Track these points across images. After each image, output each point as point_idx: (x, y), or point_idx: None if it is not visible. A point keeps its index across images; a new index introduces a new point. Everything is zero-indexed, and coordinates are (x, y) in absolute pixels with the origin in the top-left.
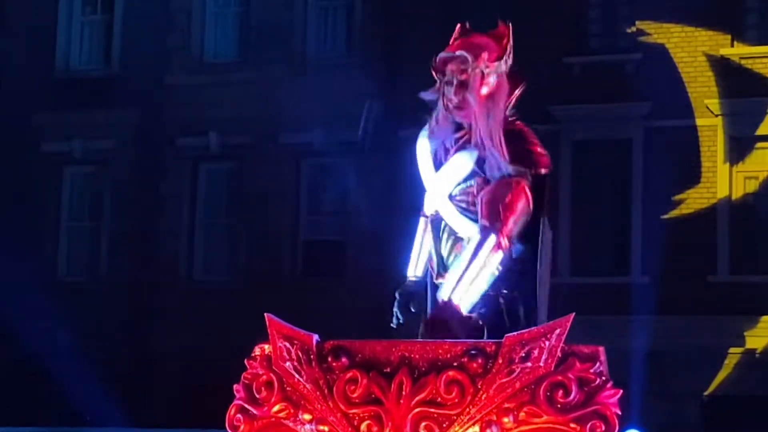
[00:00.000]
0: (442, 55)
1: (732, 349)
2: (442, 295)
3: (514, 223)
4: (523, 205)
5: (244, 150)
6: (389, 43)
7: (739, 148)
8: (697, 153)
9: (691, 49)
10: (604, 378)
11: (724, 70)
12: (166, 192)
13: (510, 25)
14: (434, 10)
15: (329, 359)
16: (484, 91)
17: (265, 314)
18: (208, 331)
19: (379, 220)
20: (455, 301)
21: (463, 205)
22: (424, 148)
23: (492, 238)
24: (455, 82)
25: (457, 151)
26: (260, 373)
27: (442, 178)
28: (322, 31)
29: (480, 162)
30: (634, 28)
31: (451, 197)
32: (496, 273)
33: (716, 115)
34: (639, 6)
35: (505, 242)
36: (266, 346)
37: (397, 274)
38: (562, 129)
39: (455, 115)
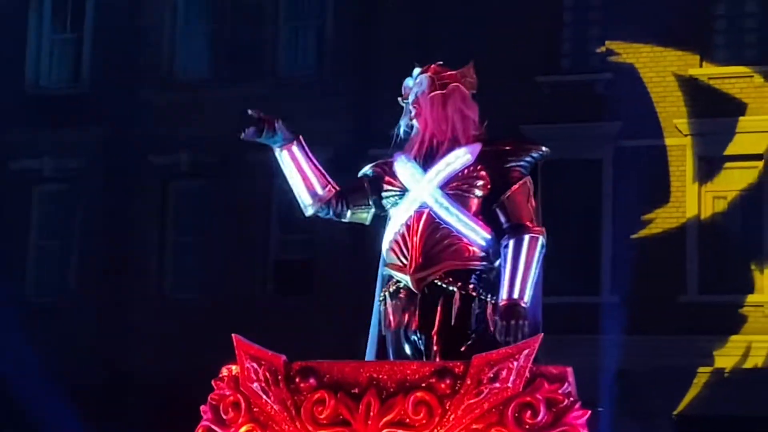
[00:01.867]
0: (405, 83)
1: (701, 369)
2: (510, 294)
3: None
4: (535, 202)
5: (214, 168)
6: (360, 62)
7: (708, 167)
8: (666, 172)
9: (660, 69)
10: (572, 399)
11: (693, 90)
12: (136, 210)
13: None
14: (406, 30)
15: (297, 380)
16: (436, 90)
17: (233, 335)
18: (179, 349)
19: (349, 239)
20: (526, 300)
21: (460, 191)
22: (402, 163)
23: (540, 238)
24: (413, 96)
25: (447, 152)
26: (227, 393)
27: (434, 174)
28: (293, 50)
29: (482, 156)
30: (603, 48)
31: (442, 188)
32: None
33: (685, 135)
34: (609, 26)
35: (544, 239)
36: (233, 367)
37: (367, 292)
38: None
39: (418, 123)
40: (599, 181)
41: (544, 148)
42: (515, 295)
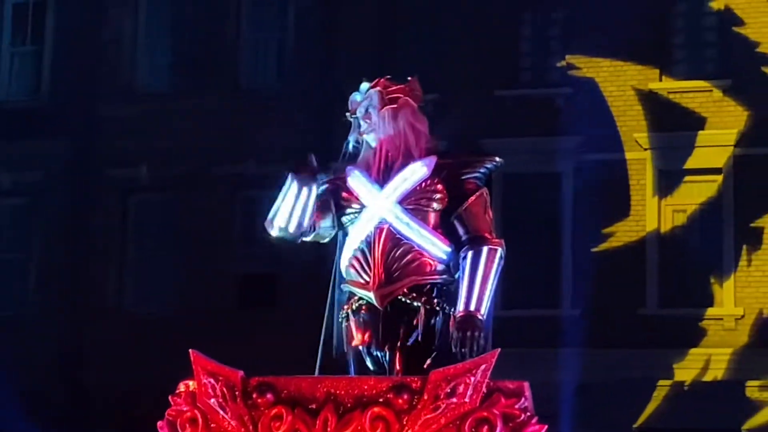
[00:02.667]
0: (351, 97)
1: (661, 382)
2: (467, 306)
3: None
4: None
5: (176, 181)
6: (322, 75)
7: (667, 181)
8: (626, 186)
9: (620, 83)
10: (529, 413)
11: (653, 104)
12: (96, 223)
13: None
14: (367, 44)
15: (254, 395)
16: (387, 105)
17: (190, 350)
18: (139, 364)
19: (313, 252)
20: (483, 312)
21: (419, 206)
22: (356, 178)
23: (498, 250)
24: (362, 110)
25: (402, 166)
26: (184, 409)
27: (391, 189)
28: (254, 63)
29: (437, 169)
30: (564, 63)
31: (400, 203)
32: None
33: (645, 149)
34: (569, 40)
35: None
36: (191, 383)
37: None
38: None
39: (369, 138)
40: (559, 195)
41: (497, 159)
42: (472, 307)
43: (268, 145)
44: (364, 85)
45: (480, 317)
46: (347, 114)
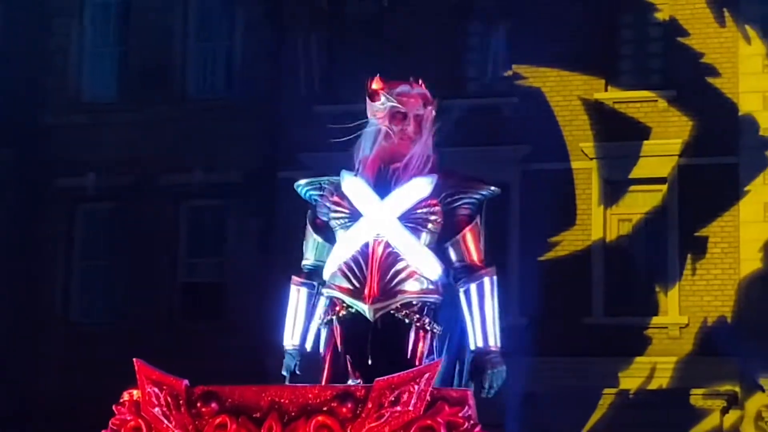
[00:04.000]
0: (403, 88)
1: (606, 390)
2: (487, 342)
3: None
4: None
5: (123, 191)
6: (269, 85)
7: (613, 191)
8: (572, 196)
9: (566, 93)
10: (472, 422)
11: (599, 114)
12: (43, 233)
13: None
14: (313, 53)
15: (198, 404)
16: (430, 131)
17: (134, 359)
18: (85, 373)
19: (258, 262)
20: (493, 343)
21: (418, 225)
22: (358, 184)
23: (493, 279)
24: (412, 115)
25: (407, 178)
26: (128, 419)
27: (393, 203)
28: (201, 72)
29: (436, 189)
30: (510, 72)
31: (401, 219)
32: None
33: (591, 159)
34: (515, 50)
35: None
36: (135, 392)
37: (277, 316)
38: None
39: (402, 145)
40: (506, 204)
41: (493, 188)
42: (491, 343)
43: (214, 155)
44: (418, 89)
45: (498, 350)
46: (382, 105)
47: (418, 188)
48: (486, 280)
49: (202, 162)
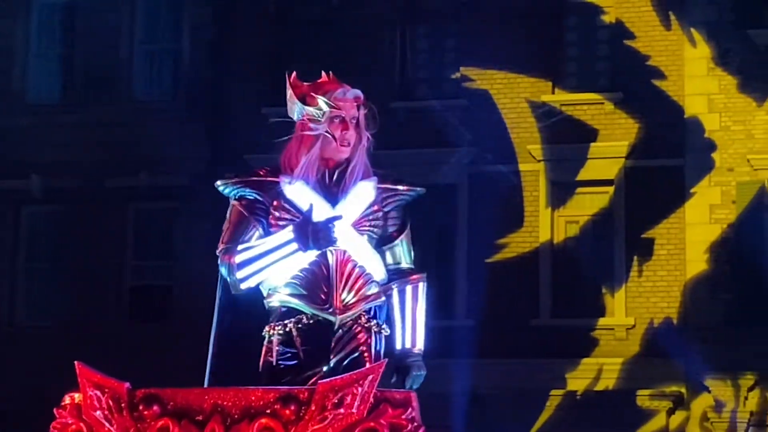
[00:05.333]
0: (338, 92)
1: (554, 391)
2: (414, 343)
3: None
4: None
5: (68, 194)
6: (216, 87)
7: (560, 193)
8: (520, 198)
9: (513, 95)
10: (416, 424)
11: (546, 116)
12: None
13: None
14: (260, 57)
15: (141, 407)
16: (363, 129)
17: (76, 362)
18: (30, 378)
19: (205, 264)
20: (419, 346)
21: (370, 231)
22: (303, 191)
23: (425, 284)
24: (349, 119)
25: (351, 182)
26: (69, 422)
27: (345, 209)
28: (148, 74)
29: (381, 197)
30: (458, 75)
31: (355, 225)
32: None
33: (538, 161)
34: (463, 53)
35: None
36: (76, 395)
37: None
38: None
39: (342, 150)
40: (454, 206)
41: (419, 189)
42: (418, 345)
43: (161, 157)
44: (355, 91)
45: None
46: (323, 103)
47: (365, 193)
48: (421, 284)
49: (149, 164)
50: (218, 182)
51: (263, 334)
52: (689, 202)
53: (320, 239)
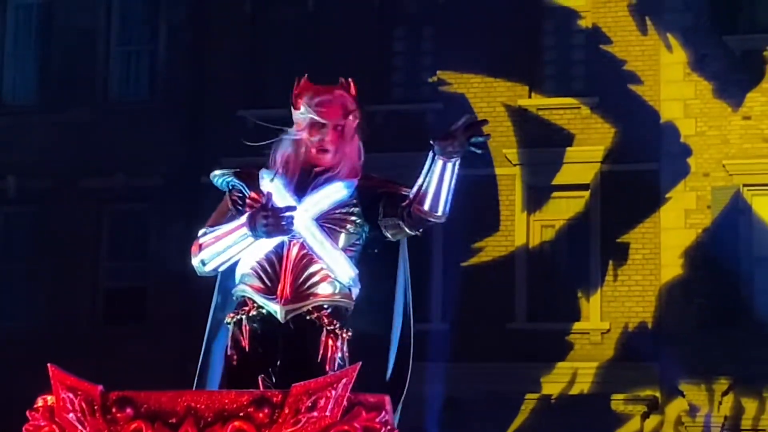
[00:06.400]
0: (323, 98)
1: (528, 395)
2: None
3: None
4: None
5: (43, 194)
6: (192, 89)
7: (536, 197)
8: (495, 201)
9: (490, 99)
10: (389, 427)
11: (522, 120)
12: None
13: (351, 81)
14: (238, 59)
15: (114, 410)
16: (352, 136)
17: (48, 365)
18: (3, 379)
19: (181, 266)
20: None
21: (337, 228)
22: (276, 185)
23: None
24: (331, 126)
25: (325, 182)
26: (42, 425)
27: (310, 204)
28: (124, 76)
29: (359, 193)
30: (435, 78)
31: (317, 220)
32: None
33: (514, 165)
34: (440, 56)
35: None
36: (49, 398)
37: (199, 321)
38: None
39: (320, 157)
40: None
41: (408, 189)
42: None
43: (136, 159)
44: (344, 99)
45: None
46: (299, 99)
47: (335, 191)
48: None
49: (124, 166)
50: (216, 172)
51: (225, 323)
52: (664, 206)
53: (269, 226)
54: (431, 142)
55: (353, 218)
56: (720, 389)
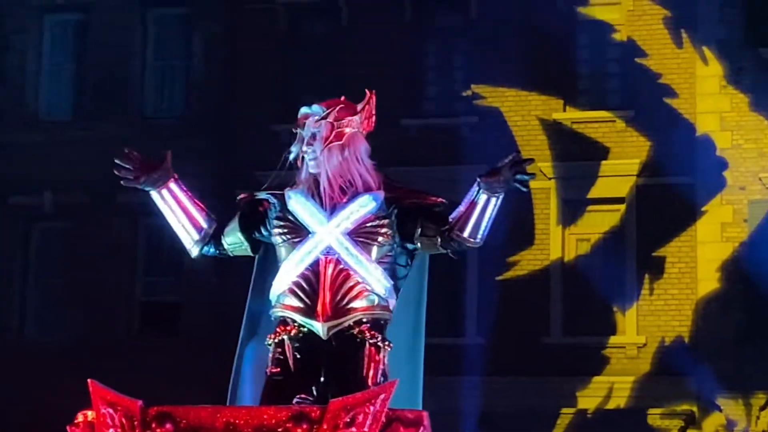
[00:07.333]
0: (302, 110)
1: (564, 410)
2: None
3: None
4: None
5: (79, 209)
6: (227, 104)
7: (571, 210)
8: (531, 215)
9: (524, 112)
10: None
11: (557, 134)
12: None
13: (373, 92)
14: (271, 74)
15: (153, 425)
16: (333, 141)
17: (89, 380)
18: (40, 393)
19: (216, 280)
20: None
21: (370, 241)
22: (303, 202)
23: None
24: (308, 134)
25: (351, 198)
26: None
27: (341, 219)
28: (159, 91)
29: (388, 205)
30: (469, 92)
31: (349, 234)
32: None
33: (549, 178)
34: (475, 70)
35: None
36: (89, 413)
37: (234, 335)
38: None
39: (310, 166)
40: None
41: (441, 200)
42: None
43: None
44: (316, 107)
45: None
46: (295, 126)
47: (363, 205)
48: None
49: None
50: (241, 195)
51: (266, 344)
52: (701, 220)
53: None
54: (477, 178)
55: (384, 230)
56: (757, 404)
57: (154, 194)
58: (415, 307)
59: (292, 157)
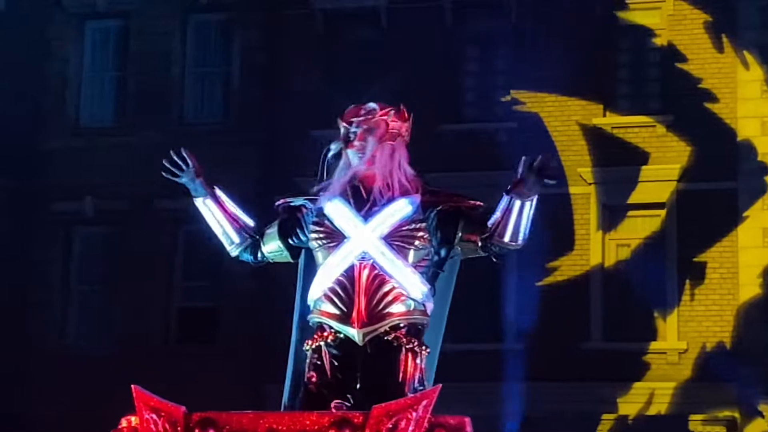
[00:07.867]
0: (351, 107)
1: (605, 416)
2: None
3: None
4: None
5: (119, 215)
6: (266, 111)
7: (611, 216)
8: (570, 221)
9: (564, 118)
10: None
11: (597, 139)
12: (39, 257)
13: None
14: (311, 80)
15: (196, 431)
16: (387, 140)
17: (132, 386)
18: (81, 399)
19: (254, 286)
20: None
21: (406, 245)
22: (339, 207)
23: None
24: (360, 129)
25: (388, 201)
26: None
27: (376, 223)
28: (199, 97)
29: (424, 209)
30: (508, 97)
31: (384, 239)
32: None
33: (589, 184)
34: (513, 75)
35: None
36: (133, 418)
37: (271, 341)
38: None
39: (358, 161)
40: None
41: (479, 203)
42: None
43: (211, 180)
44: (372, 104)
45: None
46: (339, 120)
47: (399, 208)
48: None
49: None
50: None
51: (304, 349)
52: (742, 225)
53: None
54: (504, 194)
55: (421, 234)
56: None
57: (199, 203)
58: (440, 306)
59: (331, 153)
